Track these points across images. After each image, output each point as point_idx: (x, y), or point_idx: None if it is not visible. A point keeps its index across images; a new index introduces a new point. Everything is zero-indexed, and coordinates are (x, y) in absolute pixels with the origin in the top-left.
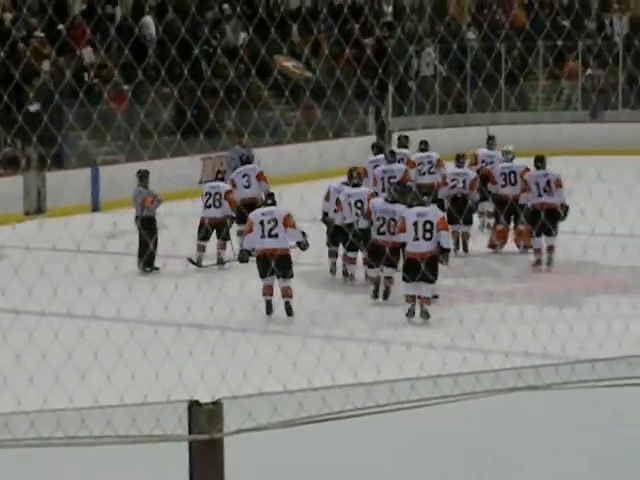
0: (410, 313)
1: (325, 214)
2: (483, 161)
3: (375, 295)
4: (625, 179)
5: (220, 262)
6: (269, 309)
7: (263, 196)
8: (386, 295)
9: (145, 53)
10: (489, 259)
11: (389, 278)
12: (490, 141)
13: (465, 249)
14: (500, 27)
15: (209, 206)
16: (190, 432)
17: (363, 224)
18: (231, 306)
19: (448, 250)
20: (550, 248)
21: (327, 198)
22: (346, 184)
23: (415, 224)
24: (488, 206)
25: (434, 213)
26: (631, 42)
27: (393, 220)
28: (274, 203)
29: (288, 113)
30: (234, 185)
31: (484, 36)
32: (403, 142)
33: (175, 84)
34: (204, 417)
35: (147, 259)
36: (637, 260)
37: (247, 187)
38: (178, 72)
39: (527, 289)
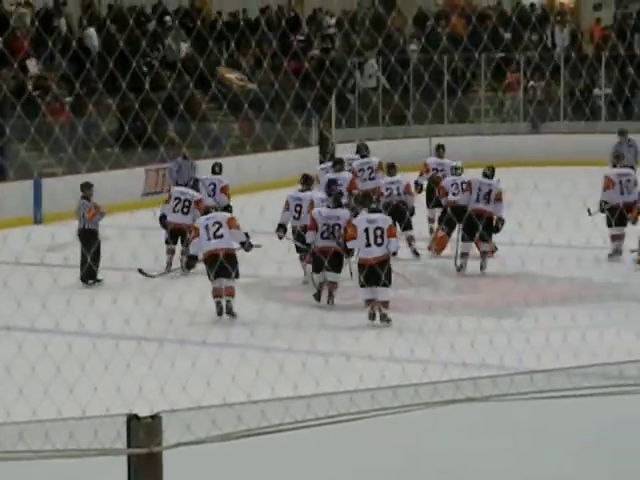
0: (371, 316)
1: (281, 225)
2: (434, 169)
3: (318, 298)
4: (563, 190)
5: (168, 268)
6: (220, 311)
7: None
8: (331, 299)
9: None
10: (429, 269)
11: (333, 283)
12: (439, 150)
13: (416, 253)
14: (441, 39)
15: (176, 211)
16: (129, 446)
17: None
18: (170, 318)
19: (395, 254)
20: (484, 254)
21: (287, 208)
22: (301, 191)
23: (366, 230)
24: (438, 212)
25: (383, 219)
26: (572, 54)
27: (337, 225)
28: None
29: (229, 125)
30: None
31: (426, 48)
32: (363, 151)
33: (118, 96)
34: (143, 431)
35: (89, 272)
36: (574, 271)
37: (210, 196)
38: (120, 84)
39: (465, 300)
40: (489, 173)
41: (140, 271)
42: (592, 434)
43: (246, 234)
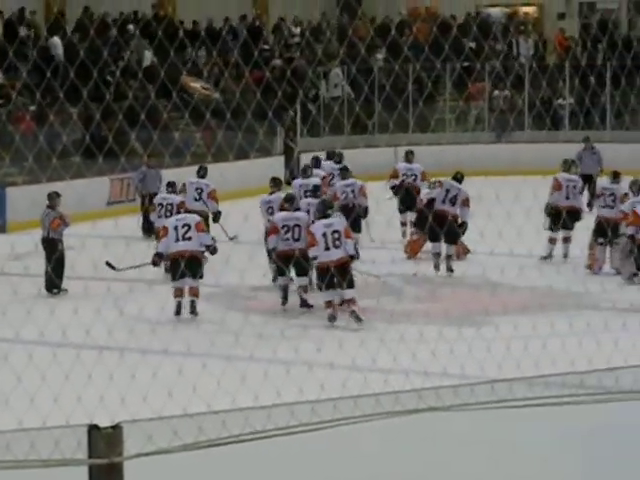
0: (331, 318)
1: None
2: (404, 174)
3: (284, 302)
4: (524, 200)
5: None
6: (178, 310)
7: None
8: (301, 305)
9: (54, 74)
10: (390, 278)
11: (303, 287)
12: (408, 155)
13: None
14: (408, 48)
15: (160, 216)
16: (90, 456)
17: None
18: (131, 328)
19: (354, 257)
20: (449, 257)
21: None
22: (271, 193)
23: (324, 235)
24: (410, 216)
25: (339, 223)
26: (537, 64)
27: (297, 226)
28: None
29: (192, 134)
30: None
31: (393, 57)
32: (337, 160)
33: (83, 105)
34: (103, 441)
35: (51, 281)
36: (535, 280)
37: (197, 200)
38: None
39: (426, 309)
40: (459, 178)
41: (107, 263)
42: (553, 444)
43: (212, 238)
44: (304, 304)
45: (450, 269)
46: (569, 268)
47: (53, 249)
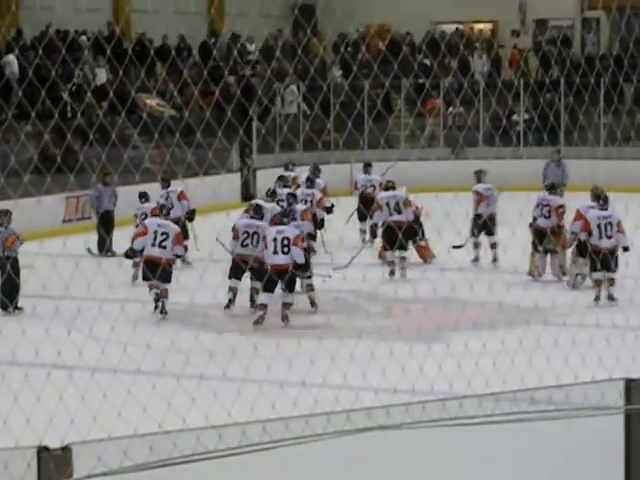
0: (259, 320)
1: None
2: (363, 185)
3: (228, 305)
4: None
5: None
6: (157, 298)
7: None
8: (251, 306)
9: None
10: (359, 297)
11: (256, 289)
12: (367, 167)
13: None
14: (363, 65)
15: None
16: (39, 478)
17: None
18: (80, 348)
19: (301, 265)
20: (403, 258)
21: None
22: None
23: (275, 240)
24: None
25: (291, 231)
26: (491, 81)
27: (256, 233)
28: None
29: (149, 151)
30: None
31: (348, 74)
32: (317, 173)
33: (40, 122)
34: (53, 463)
35: (9, 298)
36: (503, 296)
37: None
38: (41, 110)
39: (396, 325)
40: (392, 187)
41: (88, 250)
42: (505, 460)
43: (185, 247)
44: (253, 305)
45: (404, 275)
46: (519, 284)
47: (12, 267)
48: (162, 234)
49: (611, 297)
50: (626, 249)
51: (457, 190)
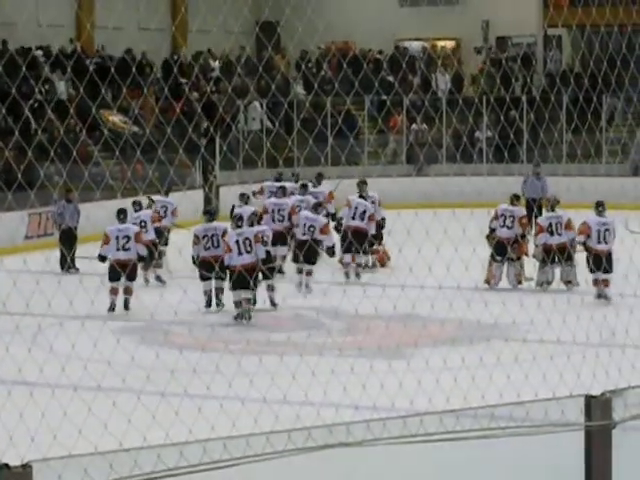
0: (239, 316)
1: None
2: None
3: (208, 305)
4: (452, 233)
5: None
6: (112, 307)
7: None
8: (217, 304)
9: None
10: (320, 313)
11: (221, 289)
12: (319, 177)
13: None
14: (326, 82)
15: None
16: None
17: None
18: (41, 365)
19: (264, 260)
20: (358, 265)
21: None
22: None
23: (237, 242)
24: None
25: (249, 231)
26: (454, 97)
27: (215, 235)
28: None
29: (114, 168)
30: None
31: (312, 91)
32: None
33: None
34: None
35: None
36: (464, 312)
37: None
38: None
39: (356, 342)
40: (365, 195)
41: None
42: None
43: (149, 249)
44: (218, 303)
45: (359, 276)
46: (479, 300)
47: None
48: (123, 237)
49: (605, 296)
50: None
51: (418, 207)
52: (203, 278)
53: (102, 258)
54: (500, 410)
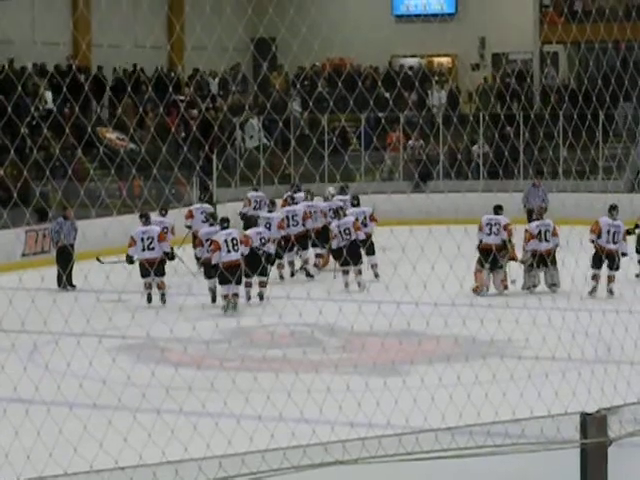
0: (226, 307)
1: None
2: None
3: (213, 300)
4: (447, 250)
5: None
6: (149, 299)
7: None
8: (213, 300)
9: None
10: (316, 330)
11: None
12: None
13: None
14: (323, 99)
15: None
16: None
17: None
18: (37, 383)
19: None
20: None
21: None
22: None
23: (225, 241)
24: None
25: (236, 232)
26: (449, 114)
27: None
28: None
29: (111, 185)
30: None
31: (307, 107)
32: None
33: None
34: None
35: None
36: (459, 329)
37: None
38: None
39: (352, 359)
40: (356, 204)
41: (97, 259)
42: None
43: (171, 248)
44: (214, 300)
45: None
46: (475, 318)
47: None
48: (147, 239)
49: (611, 291)
50: (624, 254)
51: (414, 224)
52: (208, 276)
53: (130, 259)
54: (496, 427)
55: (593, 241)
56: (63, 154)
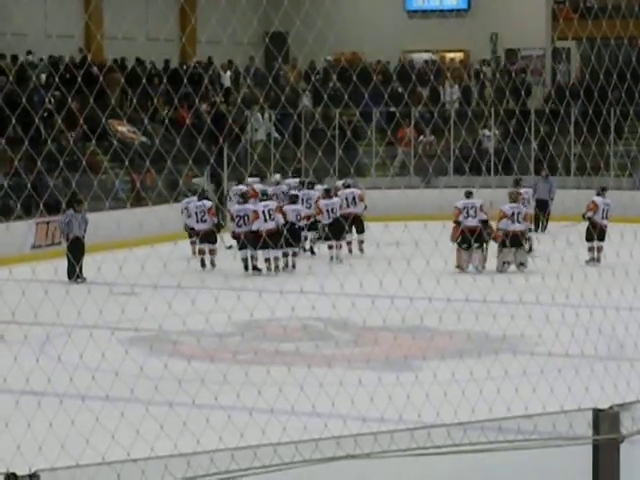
0: (269, 269)
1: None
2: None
3: (246, 268)
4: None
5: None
6: (202, 264)
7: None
8: (246, 268)
9: None
10: (329, 325)
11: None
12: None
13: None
14: (334, 92)
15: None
16: None
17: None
18: (49, 375)
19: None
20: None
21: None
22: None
23: (263, 212)
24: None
25: (273, 204)
26: (462, 109)
27: (246, 215)
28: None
29: (124, 177)
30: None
31: (320, 102)
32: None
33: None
34: None
35: None
36: (472, 325)
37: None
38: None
39: (364, 354)
40: (348, 185)
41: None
42: None
43: (218, 221)
44: (255, 267)
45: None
46: (487, 313)
47: None
48: (201, 212)
49: (598, 259)
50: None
51: (427, 219)
52: (240, 247)
53: (189, 229)
54: (508, 423)
55: (589, 218)
56: (74, 146)
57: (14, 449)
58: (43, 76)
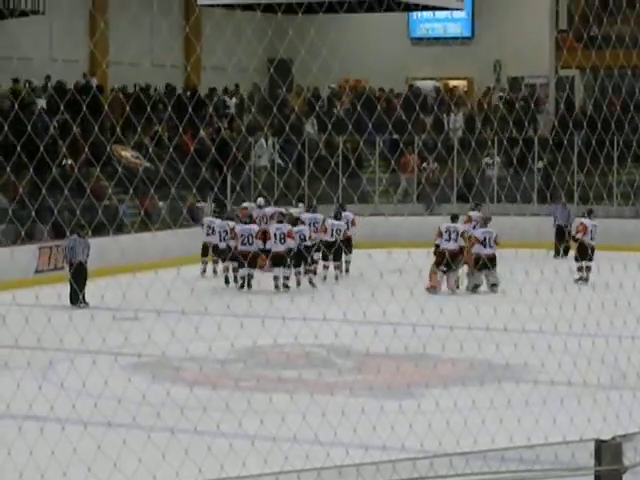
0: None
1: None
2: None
3: (242, 287)
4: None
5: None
6: (227, 281)
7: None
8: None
9: None
10: (331, 352)
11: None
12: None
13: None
14: (338, 120)
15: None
16: None
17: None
18: (51, 402)
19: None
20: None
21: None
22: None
23: (274, 234)
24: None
25: (286, 227)
26: (466, 137)
27: (250, 235)
28: None
29: (128, 202)
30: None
31: (324, 129)
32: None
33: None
34: None
35: None
36: (474, 353)
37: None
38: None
39: (367, 382)
40: (343, 210)
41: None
42: None
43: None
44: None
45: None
46: (490, 341)
47: None
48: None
49: (587, 279)
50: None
51: (430, 247)
52: (240, 266)
53: (211, 246)
54: (510, 453)
55: (578, 239)
56: (78, 172)
57: (16, 476)
58: (42, 102)
